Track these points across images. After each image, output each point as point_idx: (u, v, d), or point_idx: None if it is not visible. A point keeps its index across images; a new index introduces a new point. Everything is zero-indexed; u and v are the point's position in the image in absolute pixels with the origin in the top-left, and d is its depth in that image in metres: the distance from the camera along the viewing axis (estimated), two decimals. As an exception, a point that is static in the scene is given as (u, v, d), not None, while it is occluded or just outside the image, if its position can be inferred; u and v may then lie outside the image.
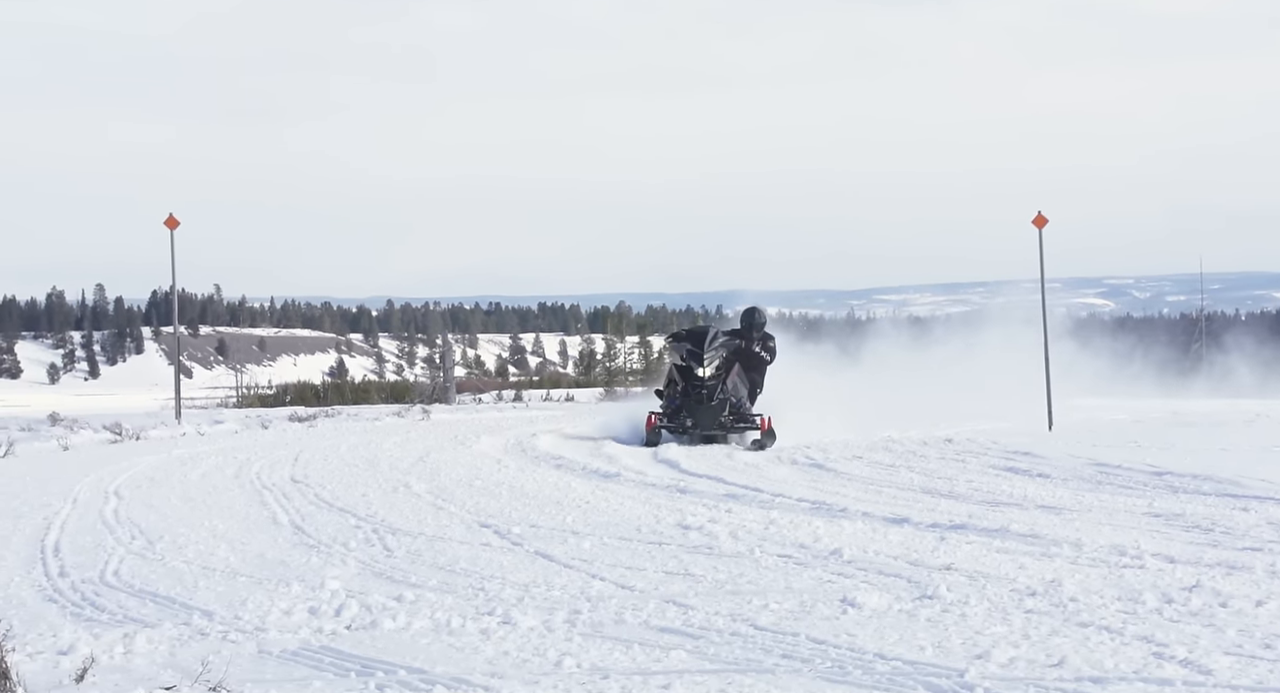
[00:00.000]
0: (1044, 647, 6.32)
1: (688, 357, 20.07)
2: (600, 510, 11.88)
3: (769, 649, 6.43)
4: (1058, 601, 7.39)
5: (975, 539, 9.67)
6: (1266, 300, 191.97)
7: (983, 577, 8.16)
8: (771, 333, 20.86)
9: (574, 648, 6.56)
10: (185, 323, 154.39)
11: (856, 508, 11.54)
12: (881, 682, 5.80)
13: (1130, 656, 6.12)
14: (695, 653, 6.41)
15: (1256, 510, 10.77)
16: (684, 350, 20.20)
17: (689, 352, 20.11)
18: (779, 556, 9.15)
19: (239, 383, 63.31)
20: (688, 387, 19.76)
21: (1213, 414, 25.78)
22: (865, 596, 7.56)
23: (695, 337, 20.43)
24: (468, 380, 57.89)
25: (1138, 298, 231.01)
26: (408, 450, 19.24)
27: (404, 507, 12.40)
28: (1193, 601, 7.27)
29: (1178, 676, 5.75)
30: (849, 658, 6.22)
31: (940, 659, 6.14)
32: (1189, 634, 6.50)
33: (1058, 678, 5.76)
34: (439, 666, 6.25)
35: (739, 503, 12.11)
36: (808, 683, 5.82)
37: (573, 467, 16.09)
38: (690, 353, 20.08)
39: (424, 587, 8.31)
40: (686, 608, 7.42)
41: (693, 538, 10.04)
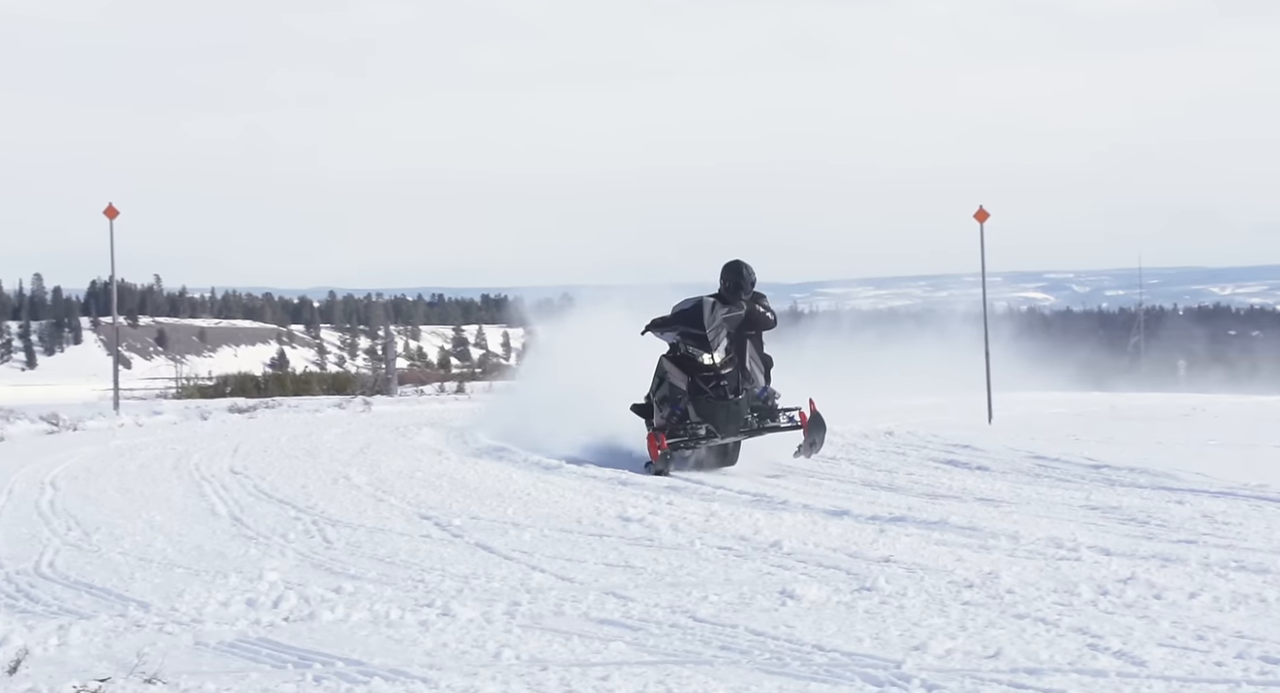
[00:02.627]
0: (980, 638, 6.36)
1: (686, 342, 14.94)
2: (541, 502, 11.87)
3: (708, 641, 6.44)
4: (995, 592, 7.43)
5: (914, 532, 9.71)
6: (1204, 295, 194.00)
7: (921, 569, 8.20)
8: (762, 293, 15.60)
9: (513, 640, 6.55)
10: (124, 313, 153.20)
11: (797, 500, 11.58)
12: (819, 673, 5.83)
13: (1065, 647, 6.17)
14: (634, 645, 6.41)
15: (1191, 503, 10.87)
16: (678, 336, 15.08)
17: (686, 335, 14.97)
18: (719, 548, 9.17)
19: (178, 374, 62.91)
20: (696, 382, 14.80)
21: (1150, 408, 26.02)
22: (804, 588, 7.59)
23: (689, 316, 15.10)
24: (410, 372, 57.71)
25: (1078, 292, 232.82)
26: (348, 442, 19.17)
27: (344, 498, 12.35)
28: (1127, 593, 7.33)
29: (1112, 667, 5.80)
30: (787, 650, 6.24)
31: (878, 651, 6.17)
32: (1123, 626, 6.55)
33: (993, 670, 5.80)
34: (377, 657, 6.23)
35: (680, 495, 12.13)
36: (745, 674, 5.83)
37: (514, 459, 16.06)
38: (689, 337, 14.94)
39: (363, 579, 8.28)
40: (626, 600, 7.42)
41: (633, 530, 10.05)
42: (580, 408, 18.48)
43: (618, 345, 21.95)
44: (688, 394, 14.78)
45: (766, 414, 14.91)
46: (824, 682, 5.71)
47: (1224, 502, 10.90)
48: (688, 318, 15.08)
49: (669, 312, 15.27)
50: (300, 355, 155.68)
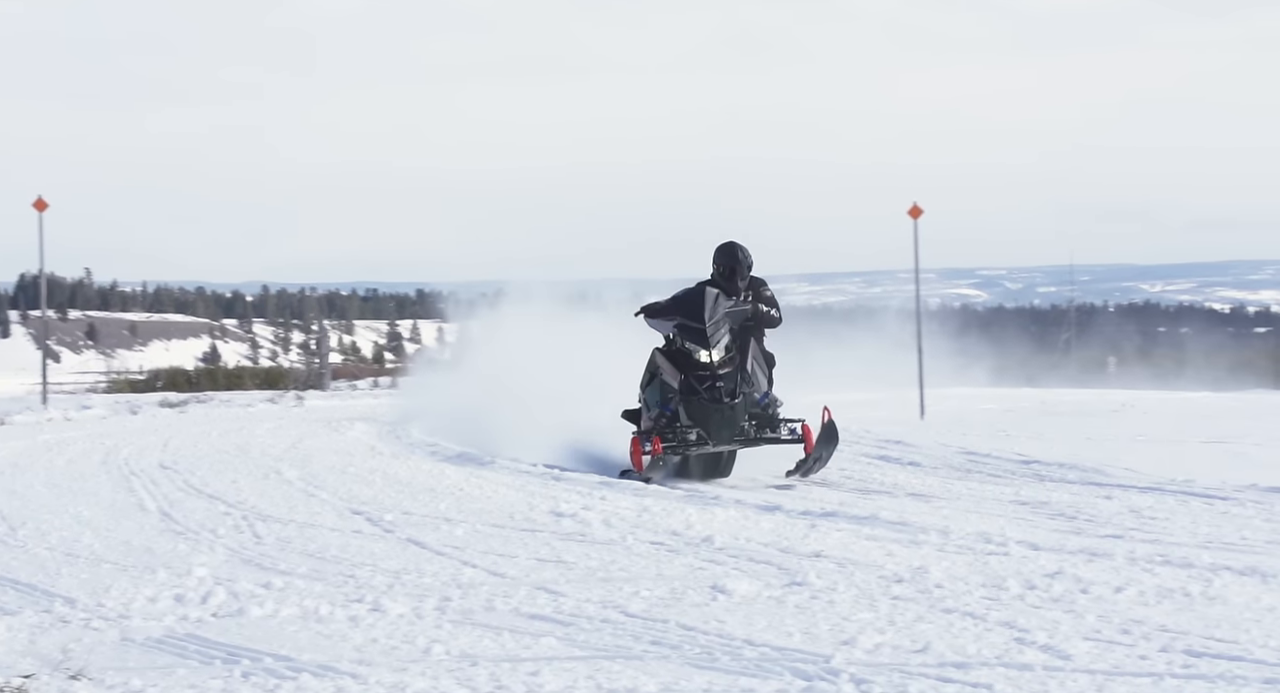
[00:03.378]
0: (909, 633, 6.40)
1: (683, 336, 13.41)
2: (474, 497, 11.85)
3: (638, 636, 6.45)
4: (924, 587, 7.48)
5: (845, 527, 9.76)
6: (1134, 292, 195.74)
7: (851, 564, 8.24)
8: (762, 278, 14.05)
9: (443, 635, 6.53)
10: (54, 307, 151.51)
11: (729, 496, 11.61)
12: (749, 668, 5.84)
13: (993, 641, 6.22)
14: (565, 640, 6.41)
15: (1119, 499, 10.98)
16: (675, 327, 13.53)
17: (684, 328, 13.42)
18: (651, 543, 9.18)
19: (109, 368, 62.31)
20: (689, 381, 13.27)
21: (1080, 404, 26.27)
22: (735, 582, 7.61)
23: (688, 306, 13.48)
24: (344, 367, 57.50)
25: (1010, 289, 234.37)
26: (280, 437, 19.07)
27: (275, 494, 12.28)
28: (1054, 587, 7.39)
29: (1038, 660, 5.84)
30: (717, 644, 6.26)
31: (807, 645, 6.20)
32: (1050, 620, 6.61)
33: (921, 664, 5.83)
34: (306, 653, 6.20)
35: (613, 490, 12.13)
36: (675, 669, 5.84)
37: (447, 453, 16.02)
38: (686, 330, 13.39)
39: (293, 574, 8.23)
40: (557, 595, 7.42)
41: (566, 525, 10.04)
42: (515, 402, 18.45)
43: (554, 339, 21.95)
44: (680, 394, 13.26)
45: (765, 423, 13.40)
46: (754, 676, 5.72)
47: (1151, 497, 11.01)
48: (686, 308, 13.45)
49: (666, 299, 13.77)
50: (233, 350, 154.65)
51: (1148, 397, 31.51)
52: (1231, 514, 10.15)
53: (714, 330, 13.28)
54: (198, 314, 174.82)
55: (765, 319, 13.82)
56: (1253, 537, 9.13)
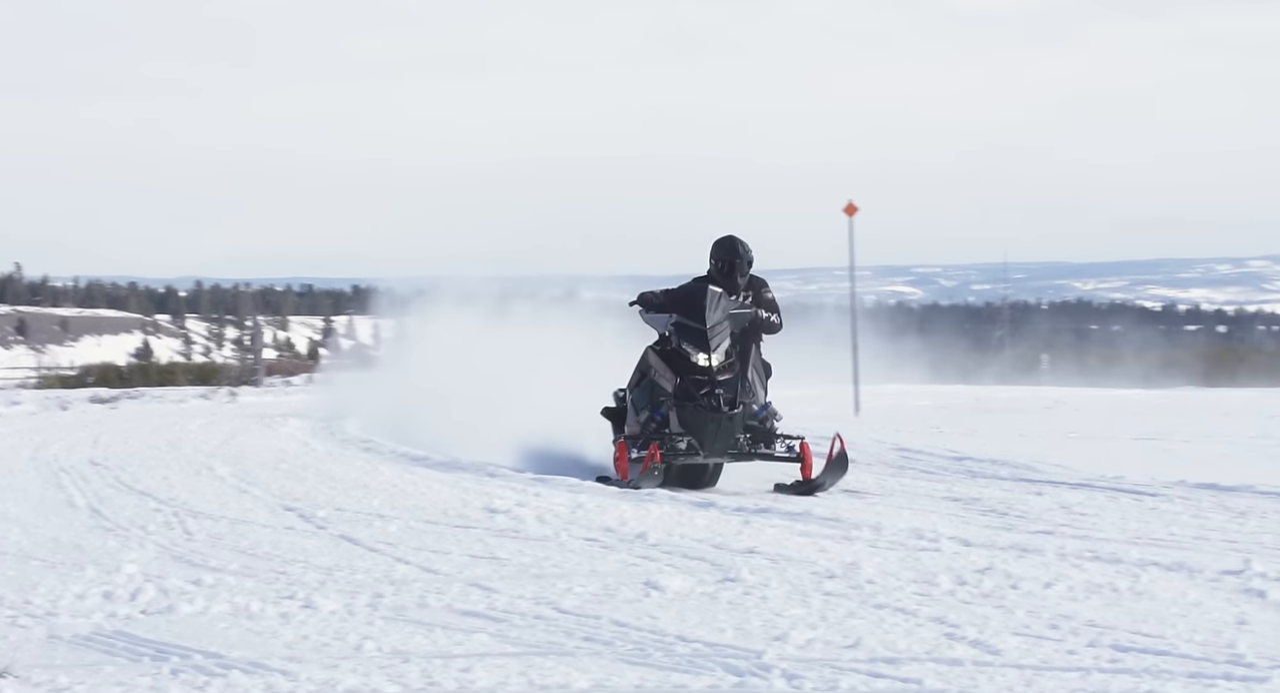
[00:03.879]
0: (841, 628, 6.43)
1: (680, 336, 12.44)
2: (407, 494, 11.81)
3: (571, 632, 6.45)
4: (856, 583, 7.51)
5: (779, 523, 9.79)
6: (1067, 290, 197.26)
7: (784, 560, 8.27)
8: (762, 278, 13.09)
9: (375, 632, 6.51)
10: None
11: (664, 492, 11.61)
12: (681, 664, 5.85)
13: (923, 637, 6.25)
14: (497, 636, 6.40)
15: (1050, 495, 11.07)
16: (672, 326, 12.55)
17: (681, 328, 12.44)
18: (585, 539, 9.17)
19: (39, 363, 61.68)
20: (686, 386, 12.32)
21: (1013, 400, 26.48)
22: (669, 579, 7.62)
23: (686, 303, 12.52)
24: (278, 363, 57.16)
25: (945, 287, 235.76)
26: (213, 433, 18.94)
27: (206, 490, 12.20)
28: (985, 582, 7.44)
29: (968, 656, 5.88)
30: (650, 640, 6.26)
31: (740, 641, 6.21)
32: (980, 615, 6.65)
33: (852, 659, 5.86)
34: (236, 650, 6.16)
35: (547, 487, 12.11)
36: (608, 666, 5.84)
37: (381, 450, 15.96)
38: (684, 330, 12.42)
39: (224, 571, 8.18)
40: (490, 592, 7.40)
41: (499, 522, 10.03)
42: (449, 399, 18.41)
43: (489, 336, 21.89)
44: (673, 398, 12.31)
45: (761, 437, 12.47)
46: (686, 672, 5.73)
47: (1081, 493, 11.12)
48: (685, 305, 12.51)
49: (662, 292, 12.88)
50: (165, 346, 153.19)
51: (1080, 394, 31.82)
52: (1160, 510, 10.26)
53: (715, 333, 12.34)
54: (130, 309, 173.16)
55: (764, 325, 12.81)
56: (1180, 532, 9.23)
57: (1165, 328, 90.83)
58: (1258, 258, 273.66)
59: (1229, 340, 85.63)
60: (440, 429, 16.50)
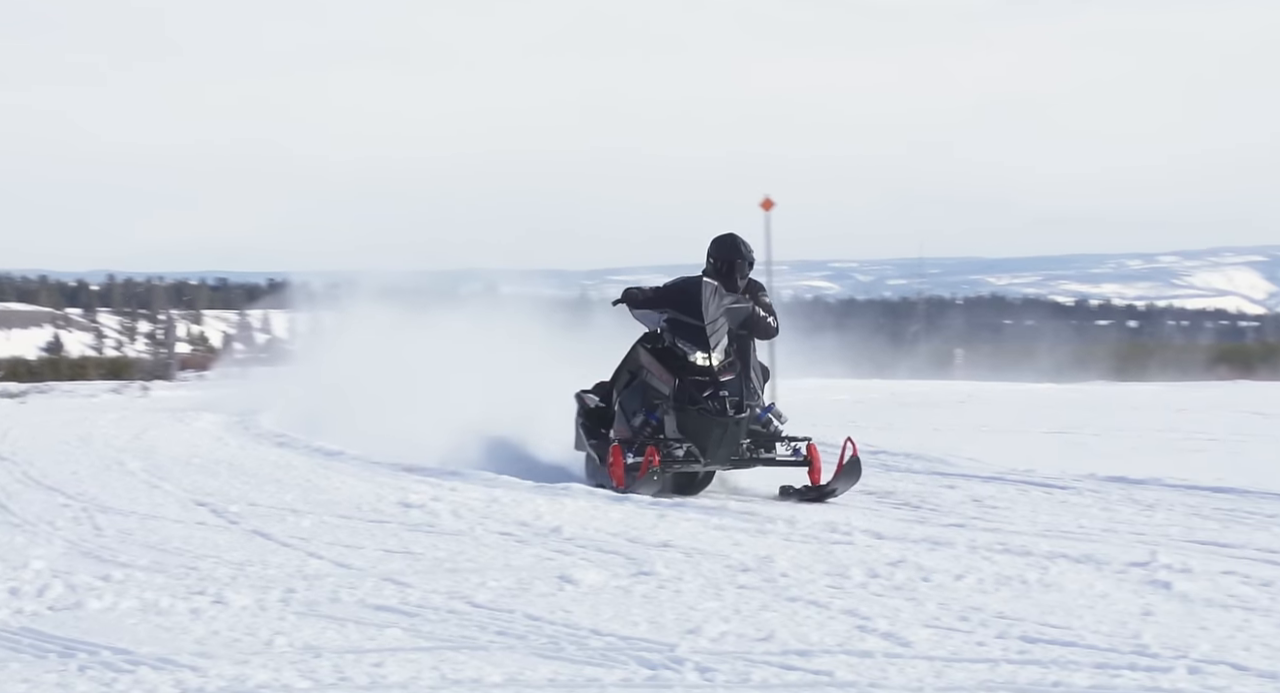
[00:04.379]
0: (754, 621, 6.46)
1: (675, 333, 11.55)
2: (321, 488, 11.74)
3: (484, 627, 6.43)
4: (769, 576, 7.55)
5: (694, 517, 9.81)
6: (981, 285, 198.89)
7: (699, 553, 8.29)
8: (759, 281, 12.28)
9: (287, 627, 6.46)
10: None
11: (580, 486, 11.60)
12: (594, 657, 5.85)
13: (835, 629, 6.29)
14: (410, 631, 6.37)
15: (962, 488, 11.17)
16: (665, 322, 11.66)
17: (676, 324, 11.57)
18: (500, 533, 9.16)
19: (-53, 357, 60.69)
20: (687, 388, 11.39)
21: (928, 395, 26.68)
22: (583, 572, 7.62)
23: (682, 298, 11.65)
24: (192, 357, 56.64)
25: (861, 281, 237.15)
26: (124, 427, 18.74)
27: (117, 485, 12.07)
28: (897, 575, 7.50)
29: (879, 648, 5.92)
30: (564, 634, 6.26)
31: (653, 635, 6.22)
32: (891, 608, 6.70)
33: (765, 652, 5.88)
34: (145, 646, 6.10)
35: (463, 481, 12.06)
36: (521, 660, 5.84)
37: (295, 445, 15.85)
38: (680, 327, 11.55)
39: (133, 566, 8.09)
40: (404, 586, 7.37)
41: (414, 516, 9.99)
42: (366, 394, 18.32)
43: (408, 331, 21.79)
44: (671, 401, 11.38)
45: (764, 441, 11.62)
46: (599, 666, 5.74)
47: (993, 486, 11.23)
48: (680, 301, 11.60)
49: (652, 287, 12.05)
50: (77, 340, 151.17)
51: (993, 388, 32.11)
52: (1070, 503, 10.38)
53: (714, 329, 11.45)
54: (40, 303, 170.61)
55: (760, 327, 11.83)
56: (1089, 525, 9.35)
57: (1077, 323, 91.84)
58: (1168, 254, 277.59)
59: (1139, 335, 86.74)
60: (356, 424, 16.42)
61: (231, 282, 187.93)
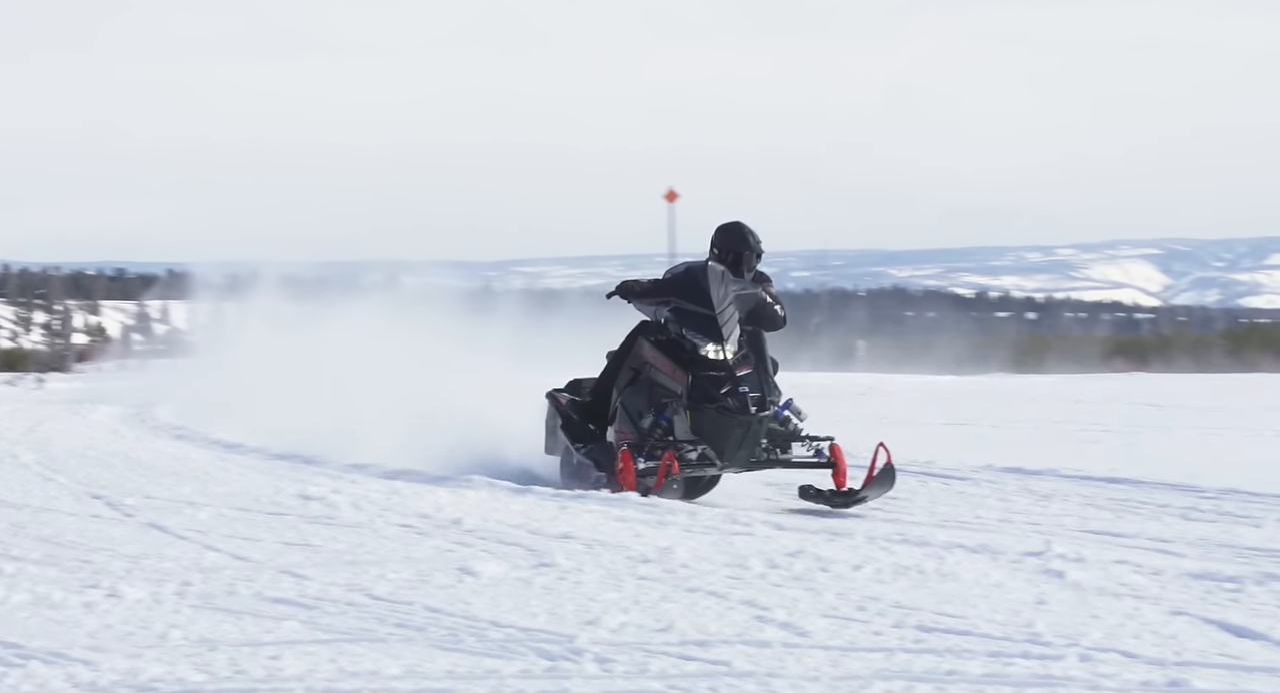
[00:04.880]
0: (653, 612, 6.47)
1: (682, 324, 10.61)
2: (220, 481, 11.63)
3: (383, 619, 6.40)
4: (670, 567, 7.57)
5: (595, 508, 9.81)
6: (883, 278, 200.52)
7: (599, 544, 8.30)
8: (766, 274, 11.17)
9: (182, 620, 6.40)
10: None
11: (482, 478, 11.56)
12: (493, 649, 5.84)
13: (734, 619, 6.32)
14: (308, 623, 6.33)
15: (861, 479, 11.23)
16: (670, 312, 10.72)
17: (683, 314, 10.63)
18: (400, 525, 9.12)
19: None
20: (703, 385, 10.42)
21: (829, 386, 26.82)
22: (483, 564, 7.60)
23: (689, 285, 10.70)
24: (89, 348, 55.89)
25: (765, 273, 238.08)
26: (18, 419, 18.47)
27: (9, 477, 11.89)
28: (796, 565, 7.55)
29: (777, 638, 5.96)
30: (463, 626, 6.25)
31: (553, 626, 6.22)
32: (790, 598, 6.75)
33: (664, 642, 5.90)
34: (36, 640, 6.00)
35: (363, 473, 12.00)
36: (419, 652, 5.81)
37: (193, 437, 15.69)
38: (687, 317, 10.60)
39: (25, 560, 7.96)
40: (302, 578, 7.32)
41: (313, 508, 9.92)
42: (267, 385, 18.16)
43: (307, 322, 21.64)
44: (687, 400, 10.42)
45: (783, 441, 10.70)
46: (498, 657, 5.73)
47: (892, 477, 11.28)
48: (684, 289, 10.65)
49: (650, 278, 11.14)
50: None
51: (894, 379, 32.41)
52: (967, 494, 10.50)
53: (725, 318, 10.52)
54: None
55: (768, 316, 10.85)
56: (986, 515, 9.46)
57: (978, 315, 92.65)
58: (1066, 247, 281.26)
59: (1038, 327, 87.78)
60: (256, 416, 16.26)
61: (130, 272, 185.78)
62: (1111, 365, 42.30)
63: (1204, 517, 9.48)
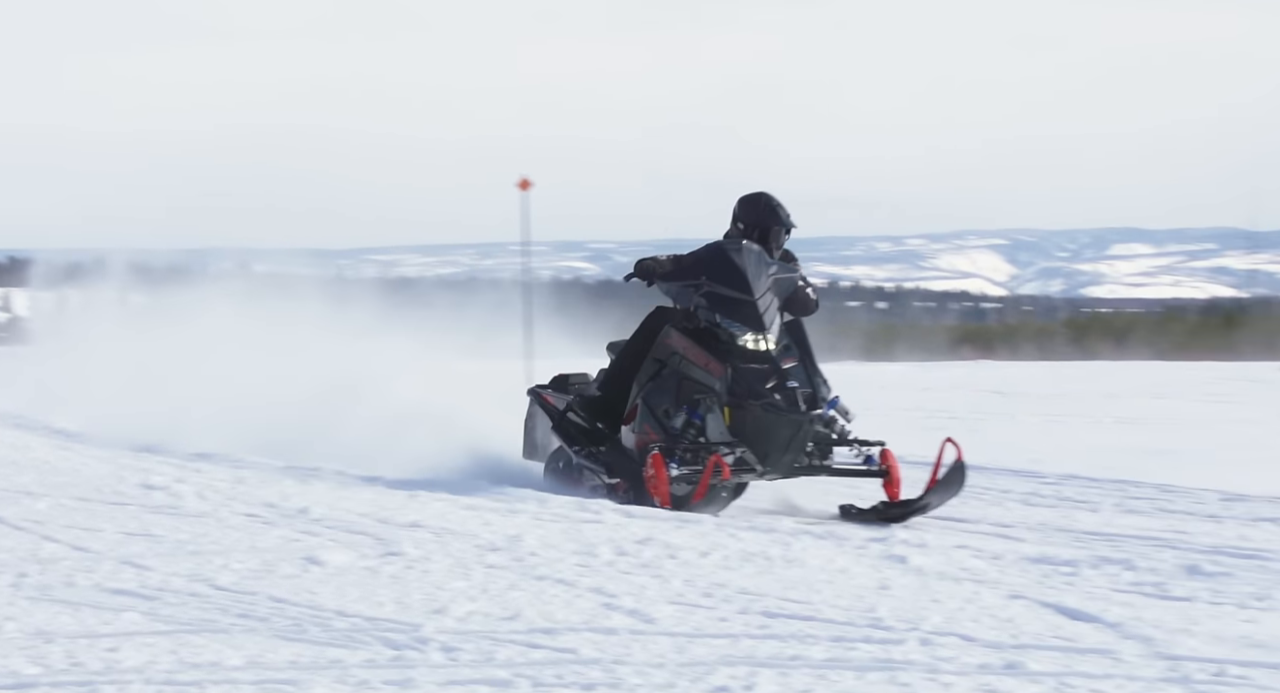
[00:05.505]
0: (501, 600, 6.47)
1: (716, 310, 9.47)
2: (60, 471, 11.41)
3: (226, 609, 6.33)
4: (518, 555, 7.56)
5: (445, 496, 9.76)
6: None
7: (448, 533, 8.27)
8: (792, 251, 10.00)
9: (17, 612, 6.27)
10: None
11: (330, 467, 11.45)
12: (338, 639, 5.80)
13: (582, 607, 6.34)
14: (149, 615, 6.24)
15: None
16: (703, 297, 9.55)
17: (716, 299, 9.50)
18: (246, 515, 9.02)
19: None
20: (746, 379, 9.27)
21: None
22: (330, 553, 7.54)
23: (716, 264, 9.58)
24: (-74, 335, 54.42)
25: (620, 262, 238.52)
26: None
27: None
28: (644, 553, 7.58)
29: (624, 625, 5.99)
30: (308, 616, 6.19)
31: (399, 615, 6.19)
32: (637, 585, 6.78)
33: (511, 631, 5.90)
34: None
35: (209, 462, 11.82)
36: (262, 642, 5.75)
37: (33, 426, 15.36)
38: (721, 302, 9.48)
39: None
40: (144, 569, 7.21)
41: (157, 498, 9.77)
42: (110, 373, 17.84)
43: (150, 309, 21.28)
44: (728, 396, 9.28)
45: (828, 445, 9.48)
46: (343, 647, 5.68)
47: (741, 465, 11.35)
48: (718, 269, 9.48)
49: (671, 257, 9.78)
50: None
51: (746, 368, 32.55)
52: (816, 481, 10.56)
53: (765, 304, 9.42)
54: None
55: (800, 302, 9.80)
56: (833, 502, 9.55)
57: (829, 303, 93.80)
58: (915, 236, 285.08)
59: (888, 316, 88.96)
60: (100, 405, 15.95)
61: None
62: (959, 354, 42.96)
63: (1044, 502, 9.69)
